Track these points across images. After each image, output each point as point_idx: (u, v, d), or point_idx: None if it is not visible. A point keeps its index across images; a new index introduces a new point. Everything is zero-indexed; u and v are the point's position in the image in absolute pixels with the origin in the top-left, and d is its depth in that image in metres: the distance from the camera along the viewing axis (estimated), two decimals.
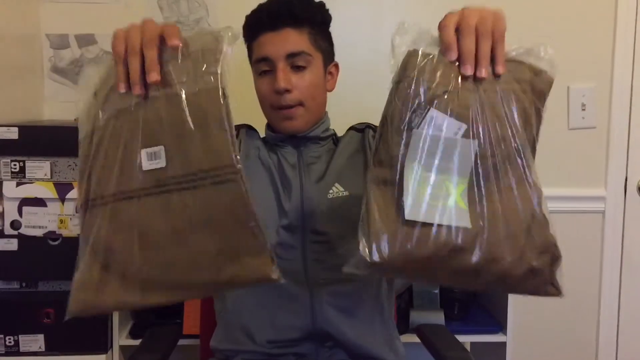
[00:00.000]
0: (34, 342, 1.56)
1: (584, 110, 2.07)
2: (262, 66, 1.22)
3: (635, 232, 2.13)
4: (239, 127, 1.34)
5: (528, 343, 2.13)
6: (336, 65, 1.32)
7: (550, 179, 2.10)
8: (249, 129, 1.34)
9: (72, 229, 1.58)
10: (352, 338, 1.20)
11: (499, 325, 1.76)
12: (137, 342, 1.60)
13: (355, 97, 1.99)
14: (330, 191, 1.24)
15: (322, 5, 1.27)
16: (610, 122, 2.08)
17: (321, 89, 1.27)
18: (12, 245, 1.57)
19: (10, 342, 1.55)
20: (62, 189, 1.57)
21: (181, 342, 1.54)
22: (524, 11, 2.02)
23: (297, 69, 1.21)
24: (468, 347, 1.93)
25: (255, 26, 1.23)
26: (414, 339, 1.57)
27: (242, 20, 1.25)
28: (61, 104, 1.96)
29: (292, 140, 1.29)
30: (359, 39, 2.00)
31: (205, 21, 1.95)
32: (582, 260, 2.13)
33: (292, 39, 1.20)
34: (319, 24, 1.25)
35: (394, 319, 1.36)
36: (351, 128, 1.37)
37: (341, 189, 1.24)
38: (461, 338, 1.50)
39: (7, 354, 1.55)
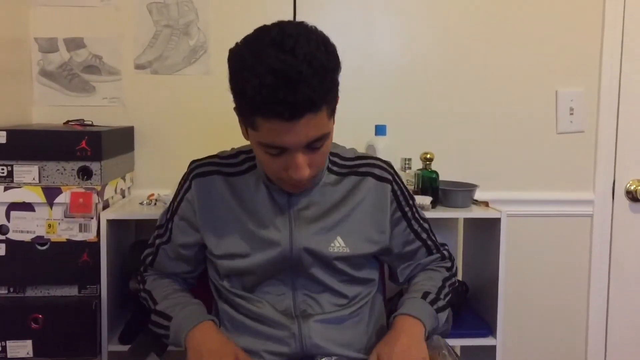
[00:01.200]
0: (22, 347, 1.55)
1: (572, 114, 2.09)
2: (273, 151, 1.07)
3: (623, 235, 2.14)
4: (190, 177, 1.27)
5: (518, 347, 2.14)
6: (338, 100, 1.17)
7: (539, 182, 2.11)
8: (202, 176, 1.26)
9: (61, 233, 1.57)
10: (342, 357, 1.21)
11: (489, 329, 1.76)
12: (126, 348, 1.59)
13: (346, 102, 2.00)
14: (332, 245, 1.22)
15: (337, 62, 1.09)
16: (598, 126, 2.10)
17: (330, 148, 1.18)
18: (0, 250, 1.55)
19: None
20: (51, 193, 1.56)
21: (171, 347, 1.53)
22: (512, 16, 2.04)
23: (315, 149, 1.09)
24: (458, 351, 1.93)
25: (265, 109, 1.01)
26: None
27: (231, 24, 1.22)
28: (50, 108, 1.95)
29: None
30: (349, 44, 2.00)
31: (195, 25, 1.94)
32: (571, 263, 2.14)
33: (312, 126, 1.04)
34: (334, 87, 1.09)
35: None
36: (366, 171, 1.27)
37: (342, 244, 1.22)
38: (451, 342, 1.50)
39: None
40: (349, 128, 1.94)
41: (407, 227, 1.31)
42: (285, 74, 0.97)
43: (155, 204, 1.75)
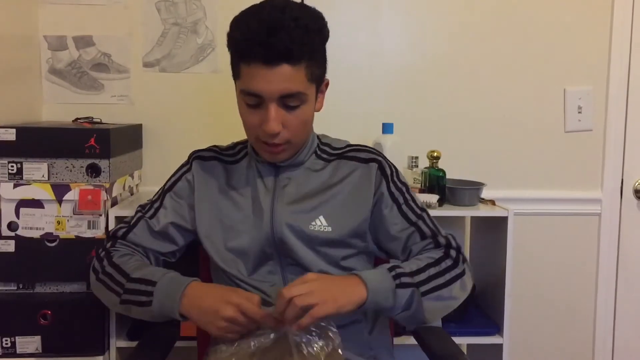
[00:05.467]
0: (30, 343, 1.56)
1: (580, 112, 2.08)
2: (250, 100, 1.14)
3: (631, 234, 2.14)
4: (191, 160, 1.33)
5: (525, 345, 2.13)
6: (327, 83, 1.26)
7: (546, 181, 2.11)
8: (202, 159, 1.32)
9: (69, 230, 1.58)
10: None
11: (496, 327, 1.76)
12: (134, 344, 1.60)
13: (353, 100, 2.00)
14: (313, 223, 1.22)
15: (322, 25, 1.16)
16: (606, 125, 2.09)
17: (311, 119, 1.22)
18: (9, 246, 1.57)
19: (7, 344, 1.55)
20: (60, 190, 1.57)
21: (178, 343, 1.54)
22: (520, 14, 2.03)
23: (290, 107, 1.14)
24: (465, 349, 1.93)
25: (247, 51, 1.10)
26: (411, 341, 1.57)
27: None
28: (59, 106, 1.96)
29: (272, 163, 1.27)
30: (356, 42, 2.00)
31: (202, 23, 1.95)
32: (578, 262, 2.14)
33: (288, 78, 1.10)
34: (317, 51, 1.16)
35: (388, 324, 1.37)
36: (353, 155, 1.29)
37: (325, 223, 1.22)
38: (458, 340, 1.50)
39: (4, 355, 1.55)
40: (356, 126, 1.95)
41: (397, 211, 1.26)
42: (270, 23, 1.08)
43: None
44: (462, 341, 1.76)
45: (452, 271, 1.19)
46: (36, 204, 1.57)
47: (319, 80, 1.19)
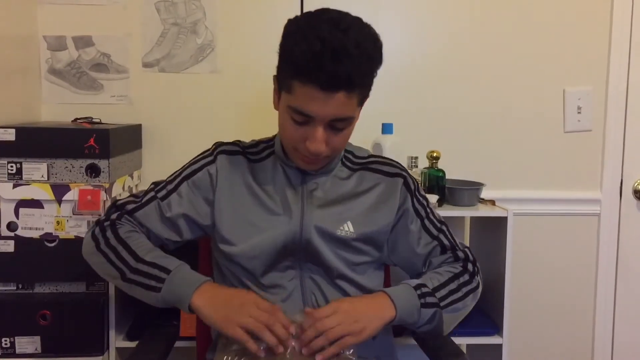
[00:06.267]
0: (30, 344, 1.56)
1: (579, 113, 2.08)
2: (298, 117, 1.12)
3: (631, 234, 2.14)
4: (215, 152, 1.29)
5: (524, 345, 2.13)
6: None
7: (546, 181, 2.11)
8: (227, 154, 1.30)
9: (69, 230, 1.57)
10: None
11: (496, 328, 1.76)
12: (133, 344, 1.60)
13: None
14: (341, 228, 1.24)
15: (380, 51, 1.16)
16: (605, 125, 2.09)
17: (349, 136, 1.22)
18: (9, 246, 1.57)
19: (6, 344, 1.55)
20: (59, 190, 1.57)
21: (178, 344, 1.54)
22: (520, 14, 2.03)
23: (336, 129, 1.15)
24: (464, 349, 1.93)
25: (306, 72, 1.06)
26: (411, 341, 1.57)
27: (239, 23, 1.22)
28: (58, 106, 1.96)
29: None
30: None
31: (202, 23, 1.95)
32: (578, 263, 2.14)
33: (342, 104, 1.10)
34: (372, 78, 1.17)
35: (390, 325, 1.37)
36: (377, 168, 1.31)
37: (351, 229, 1.24)
38: (458, 340, 1.50)
39: (3, 355, 1.55)
40: (356, 126, 1.94)
41: (421, 225, 1.30)
42: (333, 45, 1.04)
43: None
44: (461, 341, 1.76)
45: (468, 285, 1.26)
46: (36, 204, 1.57)
47: (364, 102, 1.19)
